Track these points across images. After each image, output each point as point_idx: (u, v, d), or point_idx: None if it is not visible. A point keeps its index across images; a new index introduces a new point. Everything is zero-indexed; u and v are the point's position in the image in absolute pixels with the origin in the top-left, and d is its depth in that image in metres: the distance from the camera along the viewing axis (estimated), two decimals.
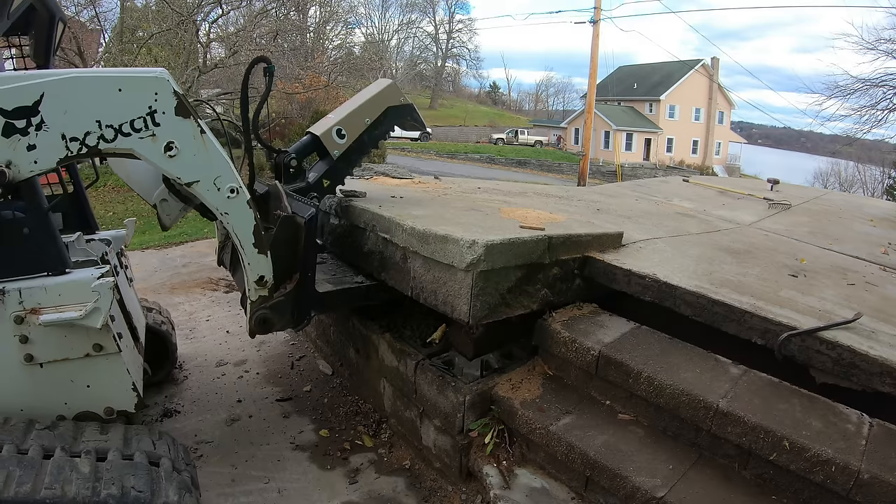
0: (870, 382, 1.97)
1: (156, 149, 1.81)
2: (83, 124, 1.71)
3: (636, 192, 5.88)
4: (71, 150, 1.72)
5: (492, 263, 2.28)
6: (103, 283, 1.84)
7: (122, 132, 1.76)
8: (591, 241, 2.83)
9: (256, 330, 2.31)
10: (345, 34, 27.79)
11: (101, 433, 1.84)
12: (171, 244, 7.28)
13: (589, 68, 19.06)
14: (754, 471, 1.96)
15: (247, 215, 2.06)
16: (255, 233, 2.10)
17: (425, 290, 2.52)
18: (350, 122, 2.72)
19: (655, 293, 2.56)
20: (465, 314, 2.32)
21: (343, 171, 2.82)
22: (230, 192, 1.98)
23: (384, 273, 2.80)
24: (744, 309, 2.30)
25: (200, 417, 3.08)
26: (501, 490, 2.25)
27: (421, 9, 54.96)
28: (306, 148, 2.72)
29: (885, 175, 24.98)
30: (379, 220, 2.75)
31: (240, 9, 15.66)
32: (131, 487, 1.62)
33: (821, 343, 2.09)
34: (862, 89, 12.63)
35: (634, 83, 40.66)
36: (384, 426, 3.05)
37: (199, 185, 1.93)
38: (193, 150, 1.87)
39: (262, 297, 2.26)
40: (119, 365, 2.01)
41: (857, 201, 7.84)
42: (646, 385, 2.19)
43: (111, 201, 15.33)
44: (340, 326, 3.51)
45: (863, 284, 2.97)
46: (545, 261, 2.57)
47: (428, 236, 2.39)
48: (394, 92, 2.91)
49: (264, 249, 2.15)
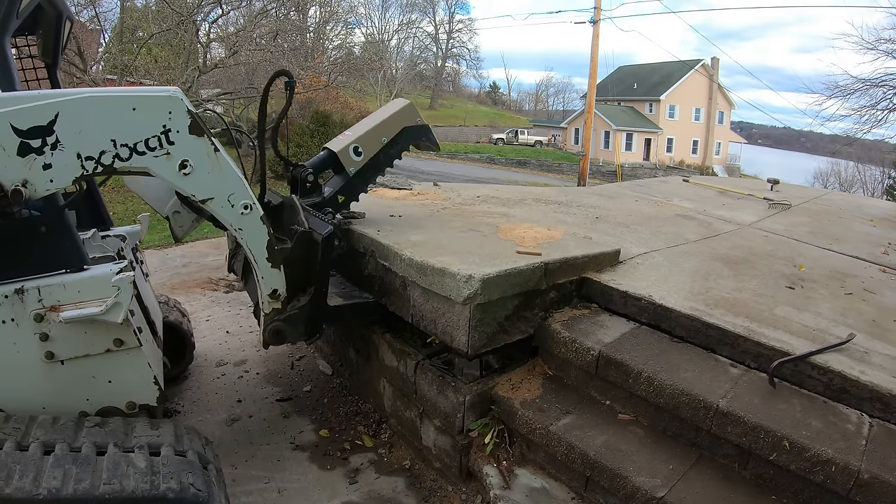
0: (860, 407, 1.99)
1: (171, 167, 1.83)
2: (98, 143, 1.73)
3: (636, 192, 5.88)
4: (87, 169, 1.73)
5: (488, 296, 2.32)
6: (123, 278, 1.85)
7: (137, 151, 1.77)
8: (587, 261, 2.85)
9: (270, 341, 2.34)
10: (345, 34, 27.84)
11: (151, 428, 1.84)
12: (171, 244, 7.28)
13: (589, 68, 19.06)
14: (754, 471, 1.96)
15: (260, 231, 2.09)
16: (269, 248, 2.13)
17: (425, 318, 2.55)
18: (367, 140, 2.77)
19: (651, 315, 2.59)
20: (463, 345, 2.36)
21: (358, 188, 2.85)
22: (244, 209, 2.01)
23: (385, 298, 2.83)
24: (737, 333, 2.31)
25: (200, 417, 3.08)
26: (501, 490, 2.25)
27: (421, 9, 54.95)
28: (323, 163, 2.76)
29: (885, 175, 24.98)
30: (378, 246, 2.78)
31: (240, 9, 15.66)
32: (190, 484, 1.61)
33: (812, 368, 2.10)
34: (862, 89, 12.62)
35: (634, 83, 40.66)
36: (384, 426, 3.05)
37: (213, 203, 1.95)
38: (207, 167, 1.89)
39: (275, 309, 2.29)
40: (140, 359, 2.02)
41: (857, 201, 7.84)
42: (646, 385, 2.19)
43: (111, 201, 15.34)
44: (341, 327, 3.51)
45: (860, 293, 2.97)
46: (542, 286, 2.59)
47: (426, 268, 2.42)
48: (410, 112, 2.97)
49: (277, 264, 2.18)
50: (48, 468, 1.51)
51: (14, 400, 1.85)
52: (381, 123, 2.86)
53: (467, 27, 59.62)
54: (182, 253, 6.70)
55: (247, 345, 4.06)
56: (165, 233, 10.74)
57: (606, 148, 35.22)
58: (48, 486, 1.46)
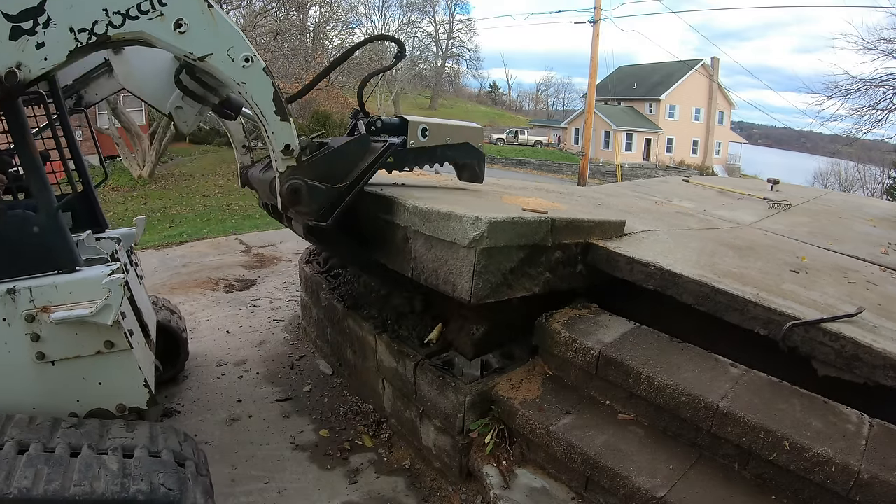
0: (872, 375, 1.96)
1: (165, 28, 1.78)
2: (90, 14, 1.70)
3: (636, 191, 5.88)
4: (80, 41, 1.70)
5: (495, 241, 2.25)
6: (114, 280, 1.85)
7: (129, 16, 1.73)
8: (593, 227, 2.82)
9: (288, 198, 2.21)
10: (345, 34, 27.81)
11: (127, 430, 1.85)
12: (171, 244, 7.28)
13: (589, 68, 19.06)
14: (754, 471, 1.96)
15: (265, 82, 2.00)
16: (276, 100, 2.04)
17: (426, 269, 2.47)
18: (437, 131, 2.82)
19: (658, 281, 2.53)
20: (466, 292, 2.28)
21: (407, 162, 2.86)
22: (245, 62, 1.93)
23: (384, 255, 2.76)
24: (747, 298, 2.28)
25: (200, 417, 3.08)
26: (501, 490, 2.25)
27: (421, 9, 54.85)
28: (392, 125, 2.74)
29: (885, 175, 24.96)
30: (381, 200, 2.73)
31: (240, 9, 15.66)
32: (161, 484, 1.63)
33: (824, 334, 2.07)
34: (862, 89, 12.65)
35: (634, 83, 40.65)
36: (384, 426, 3.06)
37: (212, 58, 1.89)
38: (203, 23, 1.83)
39: (290, 167, 2.19)
40: (130, 362, 2.02)
41: (857, 201, 7.84)
42: (646, 385, 2.19)
43: (111, 201, 15.34)
44: (337, 327, 3.51)
45: (863, 283, 2.98)
46: (548, 243, 2.54)
47: (430, 214, 2.36)
48: (478, 134, 3.07)
49: (286, 116, 2.10)
50: (20, 468, 1.52)
51: (4, 400, 1.86)
52: (452, 126, 2.96)
53: (467, 27, 59.54)
54: (182, 253, 6.71)
55: (247, 345, 4.06)
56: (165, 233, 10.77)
57: (606, 148, 35.22)
58: (19, 485, 1.47)
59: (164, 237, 8.90)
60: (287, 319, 4.57)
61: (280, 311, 4.76)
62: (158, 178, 17.61)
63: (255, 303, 4.96)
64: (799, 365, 2.18)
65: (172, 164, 20.63)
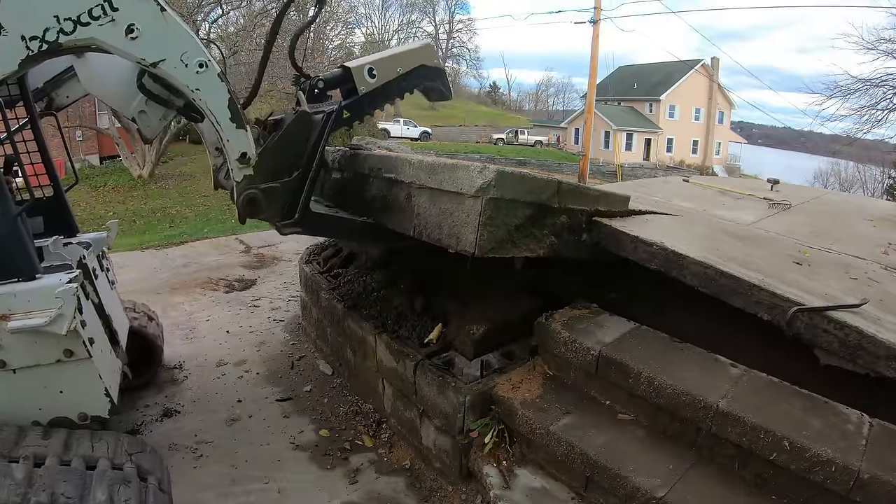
0: (875, 366, 1.95)
1: (117, 33, 1.75)
2: (41, 22, 1.67)
3: (637, 191, 5.86)
4: (32, 49, 1.68)
5: (502, 192, 2.19)
6: (66, 290, 1.84)
7: (80, 22, 1.71)
8: (598, 196, 2.81)
9: (244, 211, 2.17)
10: (345, 34, 27.80)
11: (42, 438, 1.82)
12: (171, 244, 7.28)
13: (589, 68, 19.04)
14: (754, 471, 1.96)
15: (219, 88, 1.96)
16: (231, 106, 2.00)
17: (429, 225, 2.41)
18: (383, 65, 2.70)
19: (662, 261, 2.51)
20: (471, 244, 2.21)
21: (364, 109, 2.78)
22: (199, 67, 1.89)
23: (385, 216, 2.72)
24: (752, 282, 2.25)
25: (200, 417, 3.08)
26: (501, 490, 2.25)
27: (421, 9, 54.94)
28: (335, 79, 2.68)
29: (885, 175, 24.94)
30: (385, 161, 2.70)
31: (240, 9, 15.66)
32: (61, 493, 1.62)
33: (829, 322, 2.06)
34: (862, 89, 12.64)
35: (634, 83, 40.62)
36: (384, 426, 3.05)
37: (165, 64, 1.85)
38: (155, 29, 1.80)
39: (247, 176, 2.14)
40: (91, 370, 2.01)
41: (857, 201, 7.83)
42: (646, 385, 2.19)
43: (111, 201, 15.34)
44: (337, 327, 3.51)
45: (865, 280, 2.98)
46: (554, 204, 2.49)
47: (437, 166, 2.33)
48: (430, 52, 2.92)
49: (242, 124, 2.05)
50: None
51: None
52: (400, 54, 2.83)
53: (467, 27, 59.63)
54: (182, 253, 6.71)
55: (247, 345, 4.06)
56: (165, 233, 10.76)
57: (606, 148, 35.19)
58: None
59: (164, 237, 8.90)
60: (287, 319, 4.57)
61: (280, 311, 4.76)
62: (158, 178, 17.60)
63: (255, 303, 4.96)
64: (800, 356, 2.17)
65: (172, 164, 20.62)
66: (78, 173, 3.31)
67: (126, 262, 6.18)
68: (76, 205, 14.51)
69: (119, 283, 3.08)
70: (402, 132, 33.10)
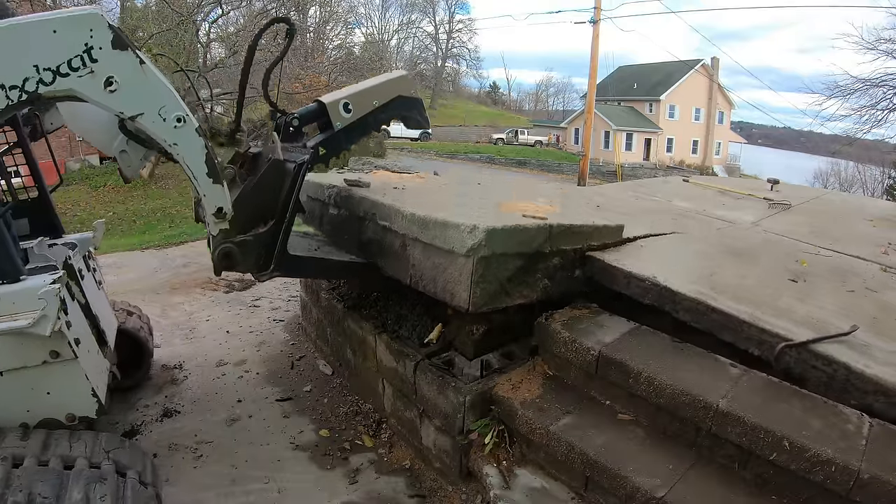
0: (864, 400, 1.98)
1: (95, 85, 1.76)
2: (21, 71, 1.67)
3: (636, 192, 5.87)
4: (11, 99, 1.68)
5: (492, 249, 2.24)
6: (49, 291, 1.83)
7: (60, 73, 1.71)
8: (591, 232, 2.82)
9: (220, 265, 2.21)
10: (345, 34, 27.84)
11: (20, 439, 1.83)
12: (171, 244, 7.29)
13: (589, 68, 19.04)
14: (754, 471, 1.96)
15: (197, 143, 1.97)
16: (208, 162, 2.01)
17: (424, 277, 2.48)
18: (359, 99, 2.69)
19: (655, 296, 2.56)
20: (464, 301, 2.29)
21: (341, 145, 2.78)
22: (177, 122, 1.90)
23: (382, 261, 2.76)
24: (742, 318, 2.29)
25: (200, 417, 3.08)
26: (501, 490, 2.25)
27: (421, 9, 54.95)
28: (311, 114, 2.67)
29: (885, 175, 24.95)
30: (379, 207, 2.73)
31: (240, 9, 15.67)
32: (38, 493, 1.62)
33: (816, 358, 2.08)
34: (862, 89, 12.65)
35: (634, 83, 40.62)
36: (384, 426, 3.05)
37: (143, 118, 1.86)
38: (134, 82, 1.80)
39: (223, 230, 2.17)
40: (77, 371, 2.01)
41: (856, 201, 7.83)
42: (646, 385, 2.19)
43: (111, 201, 15.34)
44: (337, 327, 3.51)
45: (862, 291, 2.96)
46: (546, 249, 2.54)
47: (428, 222, 2.36)
48: (406, 83, 2.90)
49: (219, 179, 2.06)
50: None
51: None
52: (376, 86, 2.79)
53: (467, 27, 59.59)
54: (182, 253, 6.71)
55: (247, 345, 4.06)
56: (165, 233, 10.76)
57: (606, 148, 35.18)
58: None
59: (163, 237, 8.91)
60: (287, 319, 4.57)
61: (280, 311, 4.76)
62: (158, 178, 17.59)
63: (255, 303, 4.96)
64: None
65: (172, 165, 20.55)
66: (63, 173, 3.29)
67: (126, 262, 6.19)
68: (76, 205, 14.53)
69: (119, 282, 3.09)
70: (403, 132, 33.06)
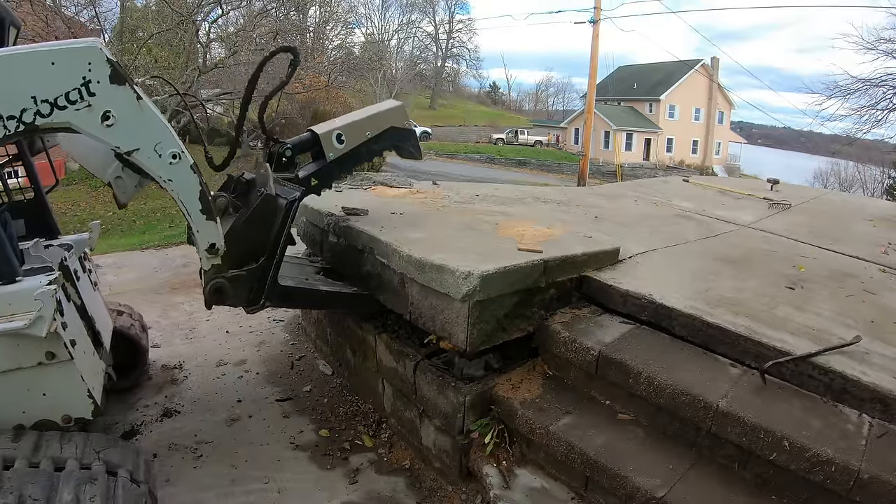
0: (861, 408, 1.98)
1: (92, 119, 1.77)
2: (19, 102, 1.68)
3: (636, 192, 5.87)
4: (8, 129, 1.69)
5: (487, 293, 2.30)
6: (45, 292, 1.83)
7: (57, 105, 1.72)
8: (587, 259, 2.84)
9: (211, 300, 2.25)
10: (345, 34, 27.85)
11: (12, 441, 1.82)
12: (171, 244, 7.29)
13: (589, 68, 19.04)
14: (754, 471, 1.96)
15: (191, 180, 1.99)
16: (202, 198, 2.04)
17: (423, 315, 2.55)
18: (352, 130, 2.73)
19: (652, 314, 2.58)
20: (462, 342, 2.36)
21: (334, 175, 2.82)
22: (172, 158, 1.92)
23: (382, 295, 2.82)
24: (738, 333, 2.30)
25: (200, 417, 3.08)
26: (501, 490, 2.25)
27: (421, 9, 54.95)
28: (304, 144, 2.70)
29: (884, 175, 24.95)
30: (376, 244, 2.77)
31: (240, 9, 15.66)
32: (28, 496, 1.61)
33: (813, 368, 2.09)
34: (862, 89, 12.65)
35: (634, 83, 40.63)
36: (384, 426, 3.05)
37: (139, 154, 1.87)
38: (131, 117, 1.82)
39: (215, 266, 2.20)
40: (73, 372, 2.00)
41: (856, 201, 7.83)
42: (646, 385, 2.19)
43: (111, 201, 15.24)
44: (337, 327, 3.51)
45: (860, 293, 2.96)
46: (541, 284, 2.59)
47: (424, 265, 2.41)
48: (400, 114, 2.95)
49: (213, 215, 2.09)
50: None
51: None
52: (369, 117, 2.83)
53: (467, 27, 59.65)
54: (182, 253, 6.71)
55: (247, 345, 4.06)
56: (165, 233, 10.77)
57: (606, 148, 35.18)
58: None
59: (164, 237, 8.91)
60: (287, 319, 4.57)
61: (280, 311, 4.76)
62: None
63: None
64: None
65: None
66: (59, 175, 3.29)
67: (126, 262, 6.19)
68: (76, 205, 14.52)
69: (119, 282, 3.08)
70: None
